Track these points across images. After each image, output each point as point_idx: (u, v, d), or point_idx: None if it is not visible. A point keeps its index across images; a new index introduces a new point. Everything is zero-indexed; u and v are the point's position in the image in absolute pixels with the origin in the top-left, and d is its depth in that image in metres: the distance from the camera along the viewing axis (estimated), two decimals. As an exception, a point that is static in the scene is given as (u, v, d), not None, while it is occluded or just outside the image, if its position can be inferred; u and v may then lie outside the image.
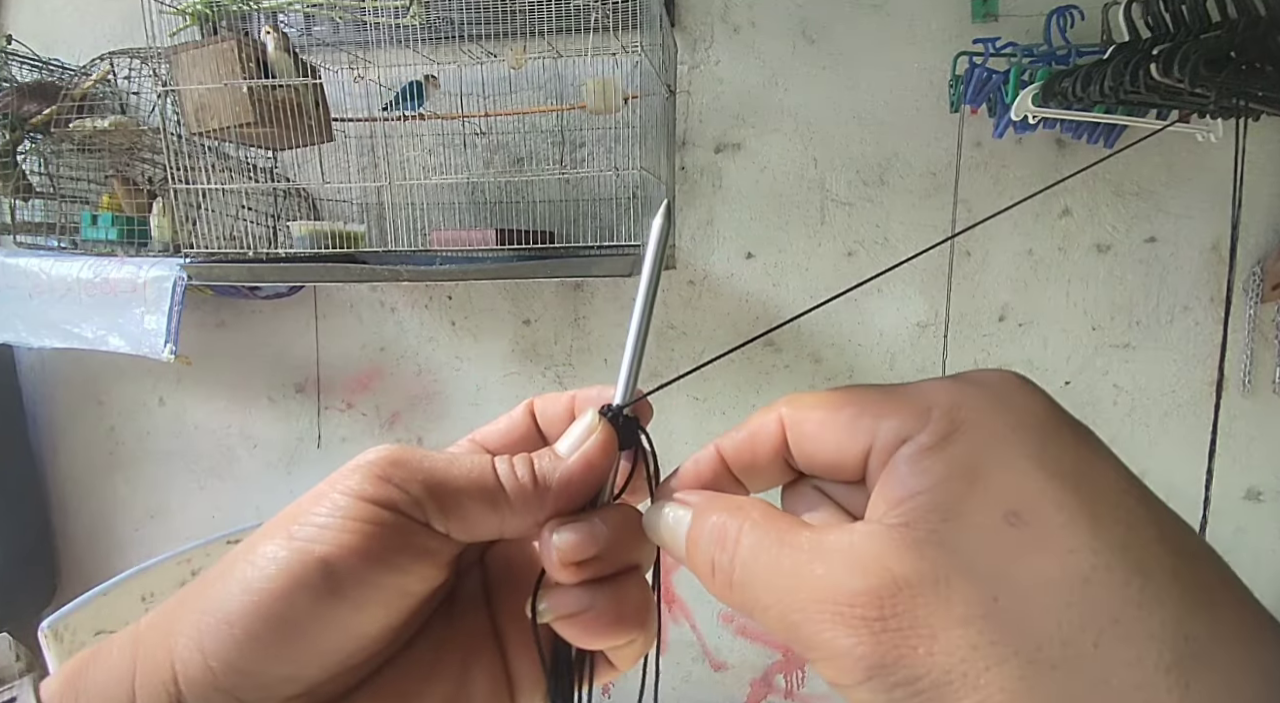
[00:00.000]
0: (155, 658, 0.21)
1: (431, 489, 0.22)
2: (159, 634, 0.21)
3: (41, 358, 1.79)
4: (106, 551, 1.84)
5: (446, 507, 0.22)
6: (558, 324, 1.60)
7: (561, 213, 1.44)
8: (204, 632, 0.21)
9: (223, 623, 0.20)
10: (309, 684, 0.21)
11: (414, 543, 0.22)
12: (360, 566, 0.21)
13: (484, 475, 0.23)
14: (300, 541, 0.21)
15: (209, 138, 1.24)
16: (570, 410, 0.27)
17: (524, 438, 0.27)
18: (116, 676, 0.21)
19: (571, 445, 0.24)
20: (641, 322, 0.25)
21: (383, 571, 0.21)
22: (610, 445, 0.24)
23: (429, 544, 0.22)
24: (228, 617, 0.20)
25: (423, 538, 0.22)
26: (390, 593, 0.22)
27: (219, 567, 0.22)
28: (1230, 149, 1.04)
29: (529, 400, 0.28)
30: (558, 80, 1.43)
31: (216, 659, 0.20)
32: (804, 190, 1.48)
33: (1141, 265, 1.39)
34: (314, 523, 0.21)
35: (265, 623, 0.20)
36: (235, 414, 1.75)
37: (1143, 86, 1.01)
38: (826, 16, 1.43)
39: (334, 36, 1.42)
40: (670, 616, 1.65)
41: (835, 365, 1.51)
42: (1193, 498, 1.42)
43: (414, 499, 0.22)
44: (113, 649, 0.22)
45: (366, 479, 0.22)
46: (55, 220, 1.48)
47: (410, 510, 0.22)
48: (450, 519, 0.22)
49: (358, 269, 1.28)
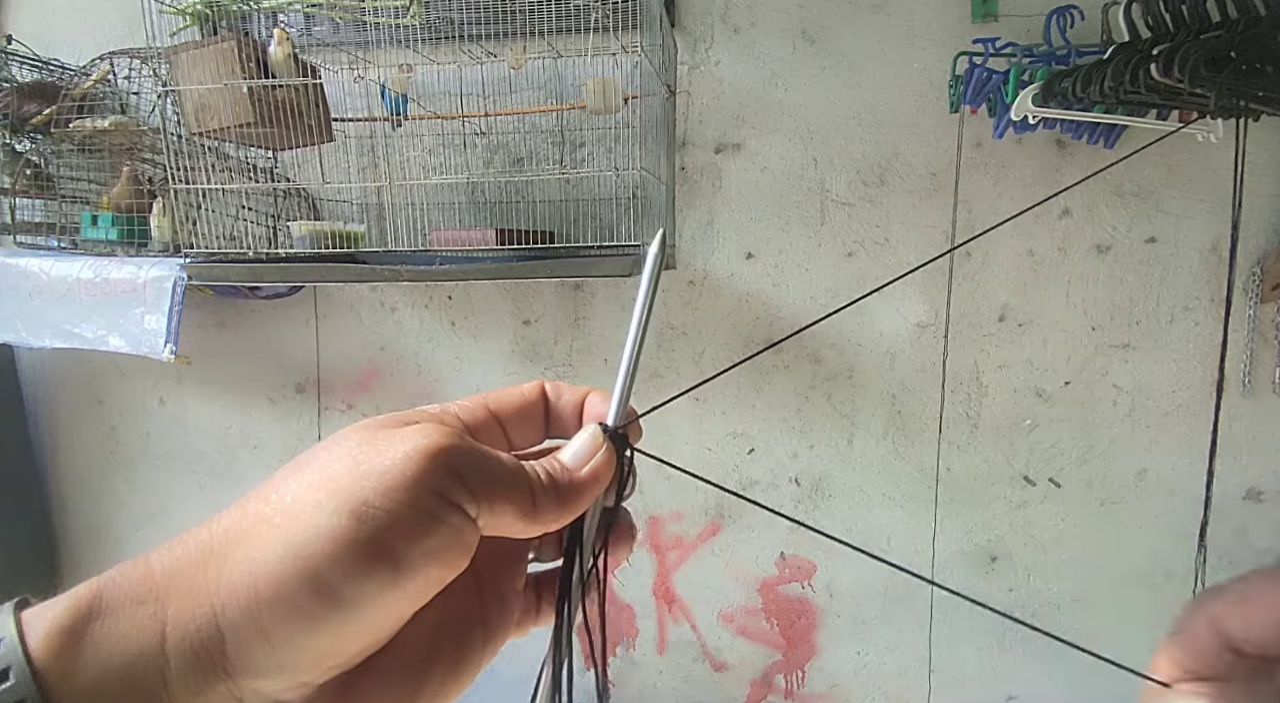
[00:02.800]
0: (194, 617, 0.20)
1: (486, 488, 0.23)
2: (191, 591, 0.21)
3: (41, 358, 1.79)
4: (106, 551, 1.84)
5: (494, 508, 0.24)
6: (558, 324, 1.60)
7: (561, 213, 1.44)
8: (261, 603, 0.20)
9: (283, 596, 0.20)
10: (350, 657, 0.23)
11: (464, 539, 0.23)
12: (424, 561, 0.22)
13: (524, 484, 0.25)
14: (372, 526, 0.21)
15: (209, 138, 1.24)
16: (581, 407, 0.29)
17: (535, 418, 0.29)
18: (139, 631, 0.20)
19: (577, 458, 0.27)
20: (633, 349, 0.28)
21: (439, 565, 0.22)
22: (613, 463, 0.27)
23: (472, 539, 0.23)
24: (288, 592, 0.20)
25: (470, 533, 0.23)
26: (434, 584, 0.23)
27: (258, 521, 0.22)
28: (1230, 149, 1.04)
29: (540, 382, 0.30)
30: (558, 80, 1.43)
31: (275, 633, 0.20)
32: (804, 190, 1.48)
33: (1141, 266, 1.39)
34: (386, 508, 0.21)
35: (329, 605, 0.21)
36: (235, 414, 1.75)
37: (1143, 87, 1.01)
38: (826, 16, 1.43)
39: (334, 36, 1.42)
40: (670, 616, 1.65)
41: (835, 366, 1.51)
42: (1193, 498, 1.42)
43: (473, 497, 0.23)
44: (123, 601, 0.21)
45: (440, 470, 0.22)
46: (55, 220, 1.48)
47: (468, 508, 0.23)
48: (491, 517, 0.24)
49: (358, 269, 1.28)
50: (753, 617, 1.63)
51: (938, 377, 1.48)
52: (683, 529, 1.62)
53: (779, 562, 1.60)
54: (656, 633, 1.66)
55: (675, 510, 1.61)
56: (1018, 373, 1.46)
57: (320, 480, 0.22)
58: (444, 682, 0.25)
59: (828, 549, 1.57)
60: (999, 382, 1.47)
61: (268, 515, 0.22)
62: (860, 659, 1.61)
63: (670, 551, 1.62)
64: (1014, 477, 1.49)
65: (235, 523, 0.22)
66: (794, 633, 1.62)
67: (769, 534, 1.59)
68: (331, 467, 0.23)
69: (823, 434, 1.54)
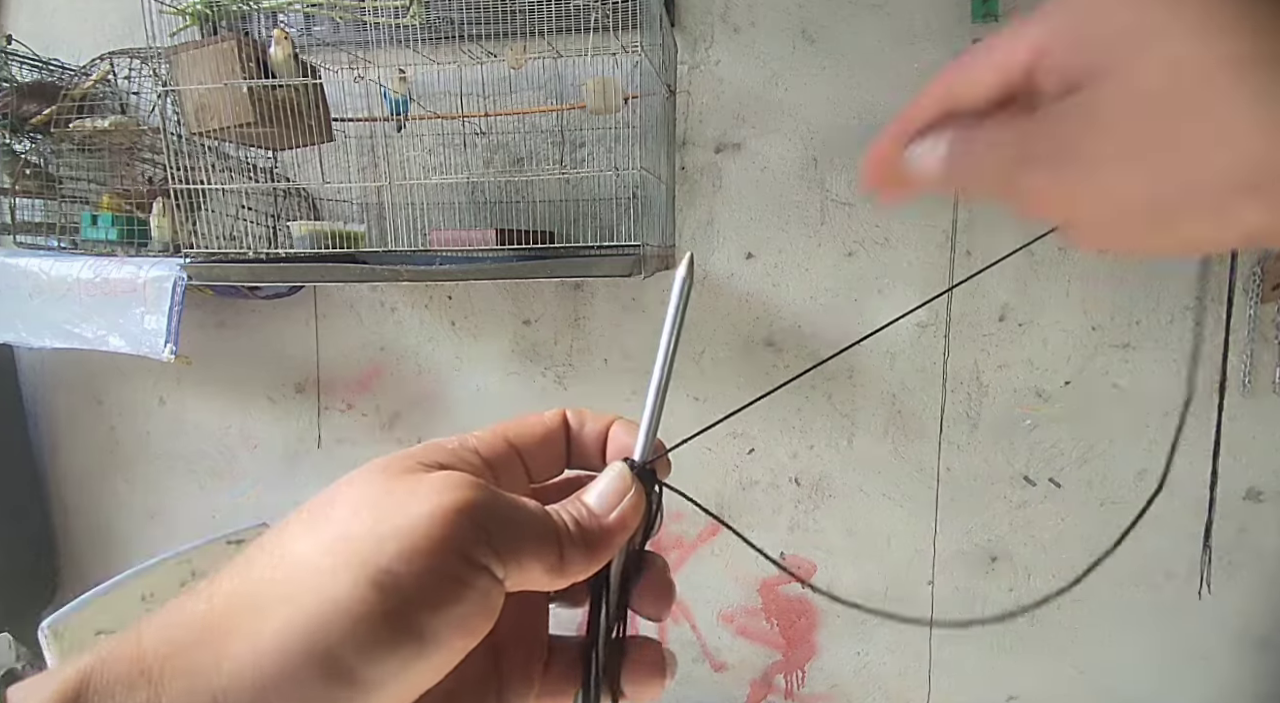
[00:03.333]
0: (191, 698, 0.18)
1: (514, 547, 0.22)
2: (191, 680, 0.19)
3: (41, 358, 1.79)
4: (106, 551, 1.84)
5: (521, 565, 0.22)
6: (558, 324, 1.60)
7: (561, 213, 1.44)
8: (267, 693, 0.18)
9: (293, 684, 0.18)
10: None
11: (492, 604, 0.21)
12: (450, 632, 0.20)
13: (553, 538, 0.23)
14: (396, 599, 0.19)
15: (209, 138, 1.24)
16: (605, 436, 0.28)
17: (556, 448, 0.28)
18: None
19: (603, 501, 0.25)
20: (661, 380, 0.26)
21: (464, 635, 0.21)
22: (642, 506, 0.26)
23: (499, 602, 0.21)
24: (299, 678, 0.18)
25: (496, 596, 0.21)
26: (459, 654, 0.21)
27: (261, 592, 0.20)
28: (1230, 149, 1.04)
29: (561, 411, 0.28)
30: (558, 80, 1.43)
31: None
32: (804, 190, 1.48)
33: (1142, 265, 1.39)
34: (411, 575, 0.19)
35: (345, 689, 0.19)
36: (235, 414, 1.75)
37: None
38: (826, 16, 1.43)
39: (334, 36, 1.42)
40: (670, 615, 1.65)
41: (835, 365, 1.51)
42: (1194, 498, 1.42)
43: (500, 558, 0.21)
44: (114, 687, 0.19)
45: (468, 532, 0.21)
46: (55, 220, 1.48)
47: (495, 569, 0.21)
48: (518, 575, 0.22)
49: (358, 269, 1.28)
50: (753, 617, 1.63)
51: (938, 377, 1.48)
52: (683, 529, 1.62)
53: (778, 561, 1.60)
54: (656, 633, 1.66)
55: (675, 510, 1.61)
56: (1018, 373, 1.46)
57: (334, 540, 0.20)
58: None
59: (828, 549, 1.57)
60: (999, 382, 1.47)
61: (276, 581, 0.20)
62: (860, 659, 1.61)
63: (670, 551, 1.62)
64: (1014, 477, 1.49)
65: (238, 590, 0.20)
66: (794, 633, 1.62)
67: (769, 535, 1.59)
68: (349, 525, 0.20)
69: (823, 434, 1.54)
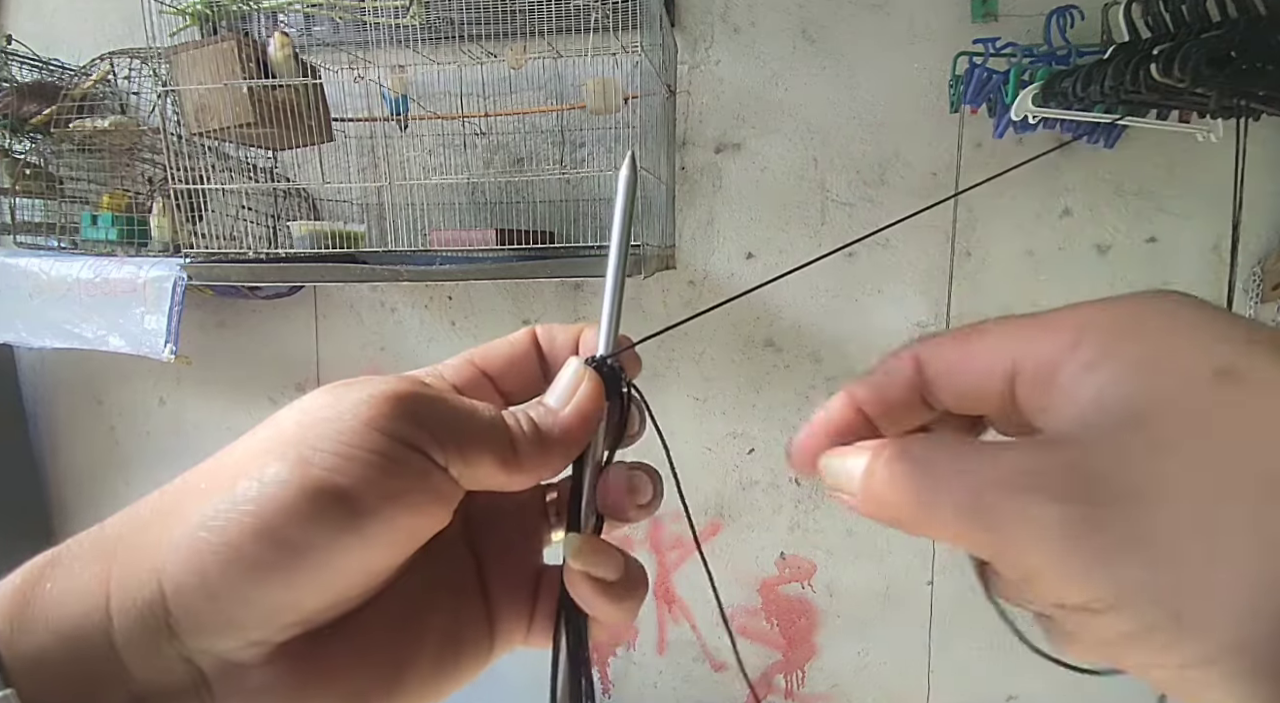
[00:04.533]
0: (137, 576, 0.19)
1: (454, 436, 0.22)
2: (137, 550, 0.20)
3: (41, 358, 1.79)
4: (106, 551, 1.84)
5: (466, 456, 0.22)
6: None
7: (561, 213, 1.44)
8: (203, 554, 0.19)
9: (225, 545, 0.19)
10: (307, 614, 0.21)
11: (432, 485, 0.22)
12: (381, 503, 0.20)
13: (502, 431, 0.23)
14: (319, 468, 0.20)
15: (209, 138, 1.24)
16: (576, 347, 0.27)
17: (527, 367, 0.28)
18: (84, 592, 0.20)
19: (561, 397, 0.25)
20: (617, 272, 0.26)
21: (401, 510, 0.21)
22: (599, 395, 0.25)
23: (444, 488, 0.22)
24: (231, 540, 0.19)
25: (439, 481, 0.22)
26: (402, 533, 0.21)
27: (207, 479, 0.21)
28: (1230, 149, 1.04)
29: (531, 329, 0.28)
30: (558, 80, 1.43)
31: (218, 584, 0.19)
32: (804, 190, 1.48)
33: (1142, 265, 1.39)
34: (334, 452, 0.20)
35: (276, 551, 0.19)
36: (235, 414, 1.75)
37: (1143, 86, 1.00)
38: (826, 16, 1.43)
39: (334, 36, 1.42)
40: (670, 616, 1.65)
41: (835, 365, 1.51)
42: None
43: (438, 443, 0.21)
44: (73, 563, 0.20)
45: (394, 414, 0.21)
46: (55, 220, 1.48)
47: (433, 453, 0.21)
48: (466, 467, 0.22)
49: (358, 269, 1.28)
50: (753, 617, 1.63)
51: (938, 377, 1.48)
52: (682, 529, 1.62)
53: (779, 562, 1.60)
54: (656, 633, 1.66)
55: (675, 510, 1.61)
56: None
57: (269, 435, 0.22)
58: (439, 661, 0.24)
59: (828, 549, 1.57)
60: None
61: (215, 472, 0.21)
62: (860, 659, 1.60)
63: (670, 550, 1.62)
64: (1014, 477, 1.49)
65: (185, 481, 0.22)
66: (794, 633, 1.62)
67: (769, 534, 1.59)
68: (282, 422, 0.22)
69: (823, 434, 1.54)
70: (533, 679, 0.27)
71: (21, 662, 0.18)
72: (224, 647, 0.20)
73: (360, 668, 0.22)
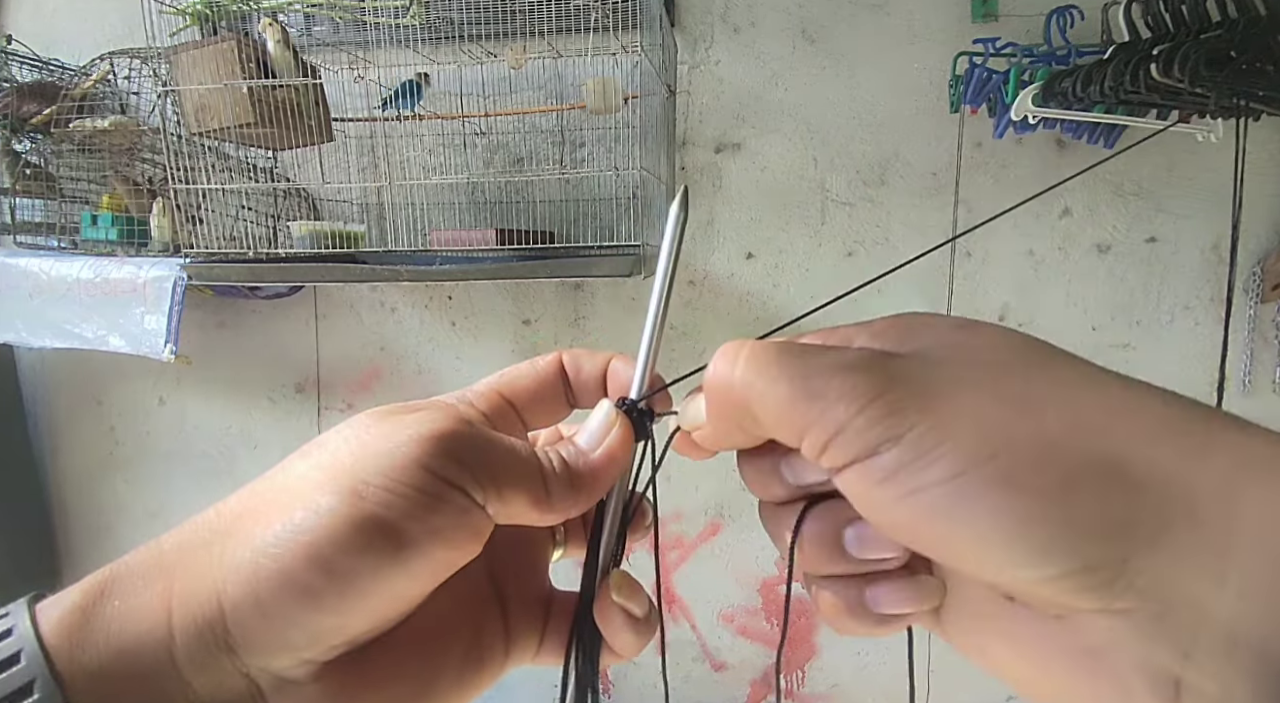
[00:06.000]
0: (197, 595, 0.21)
1: (493, 476, 0.23)
2: (197, 568, 0.21)
3: (41, 358, 1.79)
4: (106, 551, 1.84)
5: (503, 494, 0.23)
6: (558, 324, 1.60)
7: (561, 213, 1.44)
8: (261, 578, 0.21)
9: (281, 572, 0.21)
10: (352, 635, 0.23)
11: (470, 522, 0.23)
12: (424, 537, 0.22)
13: (535, 471, 0.25)
14: (370, 503, 0.21)
15: (209, 138, 1.24)
16: (604, 378, 0.29)
17: (554, 396, 0.29)
18: (146, 609, 0.21)
19: (592, 439, 0.26)
20: (657, 315, 0.27)
21: (440, 544, 0.22)
22: (629, 440, 0.26)
23: (480, 524, 0.23)
24: (287, 566, 0.21)
25: (477, 518, 0.23)
26: (440, 564, 0.23)
27: (262, 505, 0.23)
28: (1230, 149, 1.04)
29: (557, 354, 0.29)
30: (558, 80, 1.43)
31: (273, 607, 0.21)
32: (804, 190, 1.48)
33: (1142, 265, 1.39)
34: (384, 487, 0.22)
35: (328, 580, 0.21)
36: (235, 414, 1.75)
37: (1143, 86, 1.01)
38: (826, 16, 1.43)
39: (334, 36, 1.42)
40: (670, 616, 1.65)
41: (835, 365, 1.51)
42: (1193, 498, 1.42)
43: (478, 483, 0.23)
44: (134, 581, 0.21)
45: (440, 453, 0.23)
46: (55, 220, 1.48)
47: (473, 492, 0.23)
48: (501, 505, 0.24)
49: (358, 269, 1.28)
50: (753, 617, 1.63)
51: (938, 377, 1.48)
52: (682, 529, 1.62)
53: (779, 562, 1.60)
54: (656, 633, 1.66)
55: (675, 510, 1.61)
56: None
57: (324, 464, 0.23)
58: (463, 673, 0.26)
59: (828, 549, 1.57)
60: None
61: (273, 496, 0.23)
62: (860, 659, 1.61)
63: (670, 550, 1.62)
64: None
65: (241, 504, 0.23)
66: (794, 633, 1.62)
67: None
68: (337, 451, 0.23)
69: (823, 434, 1.54)
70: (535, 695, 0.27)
71: (83, 678, 0.20)
72: (278, 664, 0.22)
73: (397, 682, 0.24)
